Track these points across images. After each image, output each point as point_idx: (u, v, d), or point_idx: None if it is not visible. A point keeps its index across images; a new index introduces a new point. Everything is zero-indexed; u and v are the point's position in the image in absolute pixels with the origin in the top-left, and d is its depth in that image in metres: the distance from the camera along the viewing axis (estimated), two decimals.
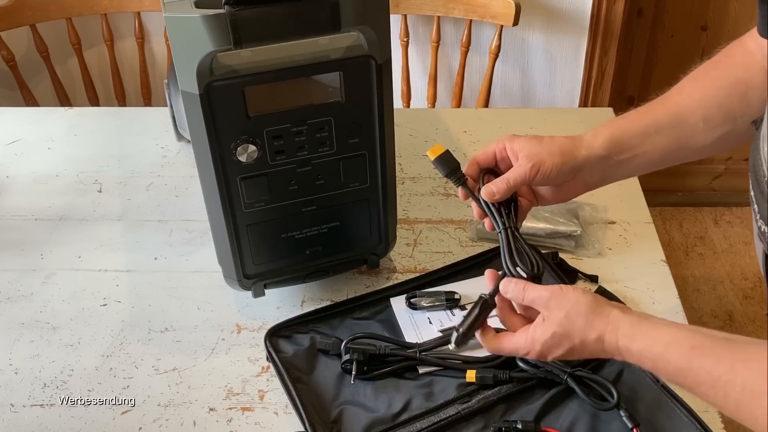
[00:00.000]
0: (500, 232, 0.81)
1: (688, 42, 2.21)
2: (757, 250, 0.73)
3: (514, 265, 0.78)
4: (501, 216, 0.81)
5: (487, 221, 0.83)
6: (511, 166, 0.82)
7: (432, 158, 0.84)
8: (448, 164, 0.84)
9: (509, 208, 0.82)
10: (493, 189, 0.81)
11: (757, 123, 0.68)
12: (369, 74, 0.85)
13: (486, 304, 0.79)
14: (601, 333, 0.72)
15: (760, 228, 0.67)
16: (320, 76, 0.84)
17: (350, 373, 0.87)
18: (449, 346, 0.80)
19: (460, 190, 0.84)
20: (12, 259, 1.10)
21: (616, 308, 0.73)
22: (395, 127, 0.93)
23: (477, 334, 0.79)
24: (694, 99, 0.81)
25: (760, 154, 0.65)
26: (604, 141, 0.82)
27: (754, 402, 0.61)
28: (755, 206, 0.67)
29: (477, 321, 0.79)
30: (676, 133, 0.81)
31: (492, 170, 0.84)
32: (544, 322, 0.74)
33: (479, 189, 0.82)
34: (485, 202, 0.82)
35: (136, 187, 1.23)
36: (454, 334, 0.79)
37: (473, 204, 0.84)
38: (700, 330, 0.68)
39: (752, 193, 0.67)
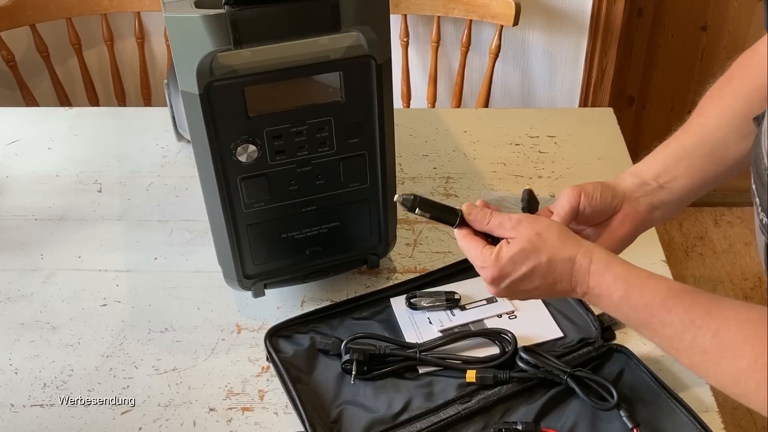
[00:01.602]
0: None
1: (688, 42, 2.21)
2: (759, 244, 0.73)
3: None
4: None
5: None
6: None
7: (528, 187, 0.85)
8: (533, 201, 0.84)
9: None
10: None
11: (759, 119, 0.69)
12: (369, 74, 0.85)
13: (453, 215, 0.78)
14: (574, 254, 0.71)
15: (761, 220, 0.68)
16: (320, 76, 0.84)
17: (350, 373, 0.88)
18: (395, 196, 0.78)
19: None
20: (12, 259, 1.10)
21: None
22: (395, 127, 0.93)
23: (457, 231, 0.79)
24: (716, 115, 0.80)
25: (762, 148, 0.65)
26: (634, 171, 0.82)
27: (722, 351, 0.60)
28: (756, 199, 0.68)
29: (436, 209, 0.78)
30: (708, 149, 0.80)
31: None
32: (511, 241, 0.73)
33: None
34: None
35: (136, 187, 1.23)
36: (411, 196, 0.78)
37: None
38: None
39: (753, 187, 0.68)
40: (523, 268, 0.72)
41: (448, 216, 0.79)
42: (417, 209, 0.79)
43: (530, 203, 0.84)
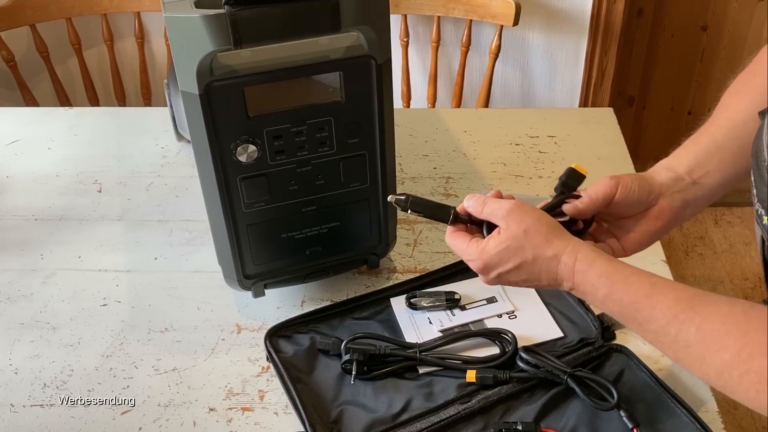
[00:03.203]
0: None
1: (688, 42, 2.21)
2: (757, 235, 0.73)
3: None
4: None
5: None
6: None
7: (572, 165, 0.83)
8: (572, 181, 0.82)
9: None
10: (577, 204, 0.79)
11: (763, 113, 0.69)
12: (369, 74, 0.85)
13: (446, 212, 0.79)
14: (559, 252, 0.72)
15: (757, 211, 0.68)
16: (320, 76, 0.84)
17: (350, 373, 0.87)
18: (389, 197, 0.81)
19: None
20: (12, 259, 1.10)
21: (576, 238, 0.74)
22: (395, 127, 0.93)
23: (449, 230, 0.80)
24: (742, 110, 0.80)
25: (763, 141, 0.66)
26: (667, 165, 0.81)
27: (706, 344, 0.62)
28: (754, 190, 0.68)
29: (427, 209, 0.80)
30: (738, 144, 0.79)
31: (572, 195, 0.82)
32: (500, 234, 0.74)
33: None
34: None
35: (136, 187, 1.23)
36: (403, 197, 0.80)
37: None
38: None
39: (753, 178, 0.68)
40: (508, 264, 0.74)
41: (441, 214, 0.80)
42: (410, 209, 0.80)
43: (567, 182, 0.82)
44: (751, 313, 0.61)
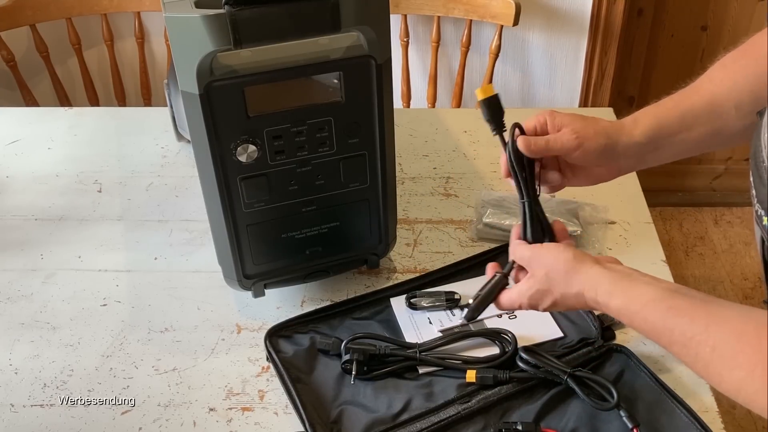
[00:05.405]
0: (523, 202, 0.83)
1: (688, 42, 2.21)
2: (756, 236, 0.73)
3: (527, 236, 0.83)
4: (526, 186, 0.82)
5: (504, 165, 0.83)
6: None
7: (480, 98, 0.83)
8: (493, 110, 0.83)
9: (533, 174, 0.83)
10: (531, 142, 0.81)
11: (761, 113, 0.69)
12: (369, 74, 0.85)
13: (500, 283, 0.84)
14: (581, 289, 0.76)
15: (756, 212, 0.68)
16: (320, 76, 0.84)
17: (350, 373, 0.87)
18: (459, 320, 0.85)
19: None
20: (12, 259, 1.10)
21: (596, 265, 0.76)
22: (395, 127, 0.93)
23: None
24: (725, 86, 0.81)
25: (761, 141, 0.66)
26: (644, 129, 0.83)
27: (722, 363, 0.64)
28: (753, 191, 0.68)
29: (489, 297, 0.84)
30: (712, 120, 0.81)
31: (521, 126, 0.83)
32: (529, 278, 0.79)
33: (509, 145, 0.82)
34: (513, 164, 0.82)
35: (136, 187, 1.23)
36: (466, 310, 0.84)
37: (501, 159, 0.83)
38: (680, 289, 0.71)
39: (751, 179, 0.69)
40: (546, 302, 0.79)
41: (500, 283, 0.84)
42: (479, 312, 0.85)
43: (493, 117, 0.82)
44: (761, 330, 0.62)
